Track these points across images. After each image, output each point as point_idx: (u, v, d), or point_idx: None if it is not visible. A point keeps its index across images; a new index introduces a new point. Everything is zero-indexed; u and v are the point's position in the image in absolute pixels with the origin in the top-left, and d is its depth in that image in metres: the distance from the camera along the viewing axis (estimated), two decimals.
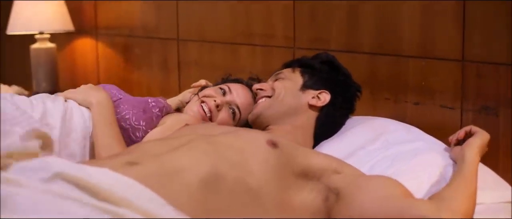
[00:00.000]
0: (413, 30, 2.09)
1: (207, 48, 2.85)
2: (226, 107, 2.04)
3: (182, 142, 1.57)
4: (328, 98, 1.93)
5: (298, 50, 2.44)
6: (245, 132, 1.66)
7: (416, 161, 1.73)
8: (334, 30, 2.32)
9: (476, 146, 1.67)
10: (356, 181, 1.56)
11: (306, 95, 1.95)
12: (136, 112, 1.93)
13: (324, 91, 1.95)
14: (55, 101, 1.89)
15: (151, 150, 1.54)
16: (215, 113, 2.03)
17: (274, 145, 1.58)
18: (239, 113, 2.03)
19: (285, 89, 1.96)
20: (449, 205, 1.44)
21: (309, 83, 1.96)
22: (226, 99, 2.05)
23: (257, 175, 1.51)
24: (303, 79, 1.98)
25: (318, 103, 1.93)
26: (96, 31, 3.51)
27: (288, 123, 1.92)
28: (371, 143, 1.88)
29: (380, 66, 2.19)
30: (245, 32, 2.66)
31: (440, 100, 2.04)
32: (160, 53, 3.12)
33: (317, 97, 1.94)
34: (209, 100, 2.04)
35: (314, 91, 1.95)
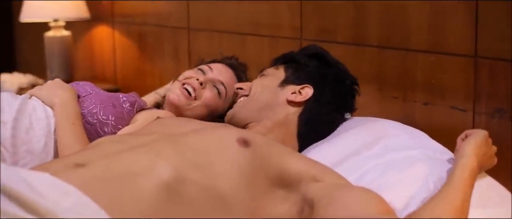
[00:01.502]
0: (422, 22, 1.89)
1: (217, 38, 2.70)
2: (210, 85, 1.97)
3: (142, 141, 1.44)
4: (310, 93, 1.76)
5: (305, 42, 2.27)
6: (215, 129, 1.50)
7: (409, 172, 1.54)
8: (341, 21, 2.13)
9: (469, 149, 1.48)
10: (332, 194, 1.38)
11: (285, 91, 1.77)
12: (104, 106, 1.84)
13: (307, 85, 1.77)
14: (15, 98, 1.83)
15: (105, 150, 1.41)
16: (199, 92, 1.96)
17: (245, 143, 1.42)
18: (224, 89, 1.97)
19: (262, 87, 1.80)
20: None
21: (292, 78, 1.79)
22: (209, 77, 1.99)
23: (224, 179, 1.36)
24: (285, 74, 1.81)
25: (297, 99, 1.75)
26: (112, 19, 3.39)
27: (266, 118, 1.75)
28: (368, 148, 1.69)
29: (388, 61, 2.00)
30: (252, 22, 2.49)
31: (450, 101, 1.83)
32: (171, 43, 2.98)
33: (298, 93, 1.76)
34: (191, 80, 1.97)
35: (295, 86, 1.78)
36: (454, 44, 1.81)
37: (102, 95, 1.90)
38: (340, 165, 1.64)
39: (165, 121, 1.67)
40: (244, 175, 1.38)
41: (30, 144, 1.73)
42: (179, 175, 1.32)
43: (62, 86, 1.86)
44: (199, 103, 1.95)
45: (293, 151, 1.53)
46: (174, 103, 1.95)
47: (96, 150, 1.43)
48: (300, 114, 1.75)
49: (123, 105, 1.86)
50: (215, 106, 1.98)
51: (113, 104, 1.84)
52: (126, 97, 1.89)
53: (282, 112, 1.75)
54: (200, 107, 1.96)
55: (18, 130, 1.74)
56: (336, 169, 1.61)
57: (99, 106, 1.82)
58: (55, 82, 1.89)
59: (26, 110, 1.78)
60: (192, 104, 1.95)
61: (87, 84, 1.98)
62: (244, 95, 1.82)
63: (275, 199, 1.41)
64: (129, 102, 1.88)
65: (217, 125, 1.61)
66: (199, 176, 1.34)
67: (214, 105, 1.97)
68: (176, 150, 1.38)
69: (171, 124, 1.62)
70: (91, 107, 1.83)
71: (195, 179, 1.33)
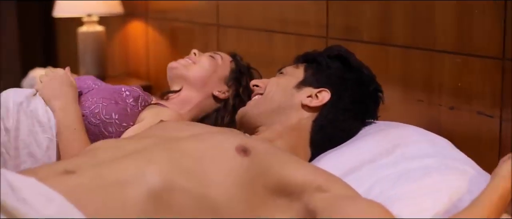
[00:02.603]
0: (449, 22, 1.79)
1: (245, 35, 2.64)
2: (204, 55, 2.05)
3: (137, 147, 1.39)
4: (327, 97, 1.66)
5: (330, 40, 2.19)
6: (214, 135, 1.44)
7: (423, 183, 1.45)
8: (366, 19, 2.04)
9: (506, 169, 1.36)
10: (335, 205, 1.32)
11: (301, 93, 1.68)
12: (107, 104, 1.79)
13: (324, 89, 1.67)
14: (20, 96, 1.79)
15: (98, 157, 1.37)
16: (195, 59, 2.02)
17: (244, 152, 1.35)
18: (219, 56, 2.03)
19: (277, 87, 1.71)
20: None
21: (310, 80, 1.70)
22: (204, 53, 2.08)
23: (218, 188, 1.30)
24: (304, 75, 1.71)
25: (313, 103, 1.65)
26: (146, 14, 3.36)
27: (278, 122, 1.66)
28: (384, 156, 1.60)
29: (413, 62, 1.90)
30: (280, 19, 2.42)
31: (477, 106, 1.72)
32: (201, 39, 2.93)
33: (314, 96, 1.67)
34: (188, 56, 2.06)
35: (313, 89, 1.68)
36: (481, 45, 1.70)
37: (104, 91, 1.85)
38: (353, 173, 1.56)
39: (166, 125, 1.61)
40: (240, 185, 1.32)
41: (32, 147, 1.70)
42: (169, 183, 1.27)
43: (63, 84, 1.80)
44: (197, 65, 2.00)
45: (298, 159, 1.45)
46: (173, 66, 2.00)
47: (88, 157, 1.39)
48: (314, 119, 1.66)
49: (126, 100, 1.82)
50: (214, 66, 2.00)
51: (115, 101, 1.80)
52: (130, 92, 1.84)
53: (295, 116, 1.66)
54: (200, 68, 1.99)
55: (21, 132, 1.71)
56: (348, 177, 1.54)
57: (101, 105, 1.78)
58: (56, 78, 1.82)
59: (29, 111, 1.75)
60: (191, 66, 2.00)
61: (89, 78, 1.95)
62: (259, 94, 1.75)
63: (276, 208, 1.34)
64: (133, 97, 1.83)
65: (220, 131, 1.55)
66: (191, 184, 1.29)
67: (213, 66, 2.00)
68: (170, 156, 1.33)
69: (172, 127, 1.57)
70: (93, 107, 1.78)
71: (186, 187, 1.28)
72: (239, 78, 1.99)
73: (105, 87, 1.90)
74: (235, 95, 1.97)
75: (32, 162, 1.70)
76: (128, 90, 1.85)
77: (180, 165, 1.31)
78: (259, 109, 1.70)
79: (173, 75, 2.00)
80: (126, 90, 1.85)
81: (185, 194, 1.27)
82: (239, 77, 2.00)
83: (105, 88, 1.87)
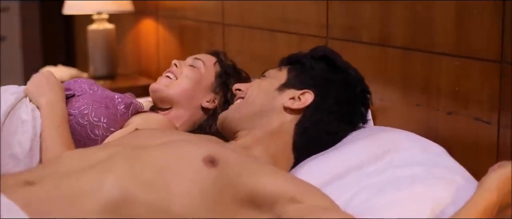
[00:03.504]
0: (447, 22, 1.70)
1: (248, 33, 2.58)
2: (185, 64, 1.97)
3: (102, 156, 1.34)
4: (310, 99, 1.60)
5: (331, 41, 2.11)
6: (184, 145, 1.38)
7: (407, 193, 1.37)
8: (366, 20, 1.97)
9: (492, 181, 1.29)
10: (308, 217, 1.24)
11: (283, 95, 1.62)
12: (97, 107, 1.77)
13: (308, 90, 1.61)
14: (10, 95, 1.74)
15: (61, 168, 1.34)
16: (176, 72, 1.96)
17: (212, 163, 1.29)
18: (199, 60, 1.96)
19: (259, 89, 1.66)
20: None
21: (293, 81, 1.64)
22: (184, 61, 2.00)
23: (181, 200, 1.25)
24: (287, 77, 1.66)
25: (294, 105, 1.59)
26: (156, 12, 3.32)
27: (257, 127, 1.60)
28: (372, 162, 1.53)
29: (412, 64, 1.82)
30: (282, 18, 2.35)
31: (474, 111, 1.64)
32: (207, 38, 2.88)
33: (297, 98, 1.61)
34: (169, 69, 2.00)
35: (296, 91, 1.62)
36: (479, 47, 1.62)
37: (97, 94, 1.83)
38: (338, 180, 1.50)
39: (140, 133, 1.56)
40: (206, 197, 1.26)
41: (14, 148, 1.67)
42: (128, 195, 1.22)
43: (51, 83, 1.79)
44: (179, 79, 1.94)
45: (272, 169, 1.38)
46: (154, 88, 1.94)
47: (52, 167, 1.35)
48: (297, 122, 1.60)
49: (117, 106, 1.79)
50: (197, 76, 1.94)
51: (106, 105, 1.77)
52: (121, 98, 1.81)
53: (277, 120, 1.60)
54: (183, 83, 1.93)
55: (6, 132, 1.68)
56: (332, 184, 1.48)
57: (91, 107, 1.75)
58: (44, 78, 1.81)
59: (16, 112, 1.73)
60: (173, 83, 1.94)
61: (86, 82, 1.92)
62: (241, 97, 1.69)
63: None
64: (124, 104, 1.80)
65: (193, 139, 1.48)
66: (151, 197, 1.23)
67: (196, 76, 1.94)
68: (132, 167, 1.28)
69: (145, 135, 1.51)
70: (83, 108, 1.76)
71: (147, 200, 1.23)
72: (226, 82, 1.94)
73: (100, 93, 1.86)
74: (224, 102, 1.92)
75: (14, 163, 1.67)
76: (120, 97, 1.83)
77: (140, 176, 1.26)
78: (240, 113, 1.64)
79: (156, 98, 1.96)
80: (118, 97, 1.83)
81: (145, 207, 1.22)
82: (225, 80, 1.94)
83: (99, 93, 1.85)
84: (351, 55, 2.02)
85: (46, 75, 1.81)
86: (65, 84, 1.88)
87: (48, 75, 1.81)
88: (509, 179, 1.28)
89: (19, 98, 1.75)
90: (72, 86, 1.86)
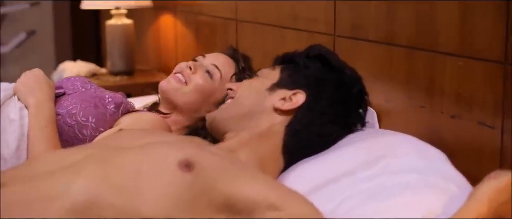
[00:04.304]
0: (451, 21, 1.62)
1: (260, 30, 2.53)
2: (201, 69, 1.85)
3: (76, 159, 1.30)
4: (301, 100, 1.53)
5: (338, 39, 2.05)
6: (161, 147, 1.32)
7: (395, 202, 1.31)
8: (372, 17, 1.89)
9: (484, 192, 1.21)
10: None
11: (273, 96, 1.56)
12: (85, 106, 1.72)
13: (299, 91, 1.54)
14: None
15: (34, 168, 1.30)
16: (189, 77, 1.85)
17: (188, 167, 1.24)
18: (218, 71, 1.85)
19: (249, 89, 1.60)
20: None
21: (285, 81, 1.58)
22: (200, 62, 1.89)
23: (153, 206, 1.20)
24: (279, 76, 1.59)
25: (285, 106, 1.53)
26: (175, 8, 3.28)
27: (245, 129, 1.54)
28: (367, 167, 1.46)
29: (417, 63, 1.75)
30: (291, 15, 2.29)
31: (478, 115, 1.56)
32: (222, 34, 2.84)
33: (288, 99, 1.54)
34: (182, 67, 1.88)
35: (287, 91, 1.56)
36: (482, 47, 1.53)
37: (86, 94, 1.78)
38: (328, 185, 1.44)
39: (122, 134, 1.51)
40: (179, 202, 1.21)
41: (1, 148, 1.64)
42: (97, 199, 1.18)
43: (39, 82, 1.75)
44: (190, 87, 1.84)
45: (253, 173, 1.32)
46: (162, 88, 1.86)
47: (25, 169, 1.32)
48: (288, 124, 1.54)
49: (107, 106, 1.74)
50: (208, 89, 1.85)
51: (95, 105, 1.72)
52: (112, 98, 1.77)
53: (266, 122, 1.54)
54: (192, 93, 1.85)
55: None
56: (321, 190, 1.42)
57: (79, 107, 1.71)
58: (33, 76, 1.77)
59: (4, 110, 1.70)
60: (183, 90, 1.84)
61: (79, 80, 1.88)
62: (231, 97, 1.64)
63: None
64: (114, 103, 1.75)
65: (172, 142, 1.42)
66: (121, 201, 1.19)
67: (208, 89, 1.85)
68: (103, 170, 1.23)
69: (126, 136, 1.46)
70: (71, 108, 1.72)
71: (116, 204, 1.18)
72: None
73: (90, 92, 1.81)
74: None
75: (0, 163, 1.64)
76: (111, 97, 1.78)
77: (111, 180, 1.21)
78: (228, 114, 1.59)
79: (163, 97, 1.89)
80: (109, 97, 1.78)
81: (114, 212, 1.18)
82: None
83: (88, 93, 1.80)
84: (357, 53, 1.96)
85: (36, 73, 1.78)
86: (58, 83, 1.85)
87: (37, 73, 1.78)
88: (503, 191, 1.19)
89: (7, 96, 1.72)
90: (64, 84, 1.83)
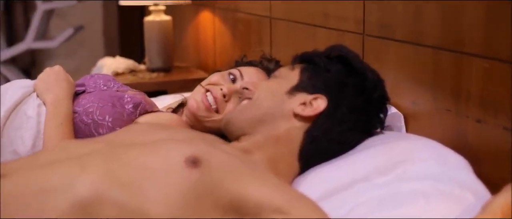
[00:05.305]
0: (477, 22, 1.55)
1: (293, 28, 2.50)
2: (236, 97, 1.73)
3: (84, 151, 1.31)
4: (322, 106, 1.48)
5: (367, 38, 1.99)
6: (167, 144, 1.30)
7: (405, 210, 1.26)
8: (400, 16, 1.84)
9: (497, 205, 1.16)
10: None
11: (293, 100, 1.50)
12: (102, 105, 1.70)
13: (320, 96, 1.49)
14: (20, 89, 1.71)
15: (39, 159, 1.31)
16: (221, 105, 1.74)
17: (194, 163, 1.23)
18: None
19: (266, 91, 1.54)
20: None
21: (305, 84, 1.52)
22: (236, 88, 1.75)
23: (157, 202, 1.20)
24: (299, 78, 1.54)
25: (305, 112, 1.47)
26: (214, 4, 3.27)
27: (261, 132, 1.49)
28: (382, 173, 1.42)
29: (443, 64, 1.69)
30: (322, 13, 2.25)
31: (503, 120, 1.49)
32: (257, 31, 2.82)
33: (308, 104, 1.49)
34: (215, 89, 1.75)
35: (307, 95, 1.50)
36: (509, 49, 1.46)
37: (105, 92, 1.77)
38: (339, 192, 1.41)
39: (133, 128, 1.50)
40: (184, 200, 1.19)
41: (16, 144, 1.65)
42: (99, 194, 1.17)
43: (59, 79, 1.75)
44: (220, 117, 1.73)
45: (263, 176, 1.29)
46: (191, 111, 1.76)
47: (30, 159, 1.32)
48: (307, 130, 1.48)
49: (125, 105, 1.72)
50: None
51: (113, 104, 1.71)
52: (131, 97, 1.74)
53: (283, 126, 1.49)
54: (218, 123, 1.72)
55: (8, 128, 1.66)
56: (332, 197, 1.38)
57: (96, 105, 1.70)
58: (53, 73, 1.77)
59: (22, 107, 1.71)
60: (212, 117, 1.75)
61: (102, 78, 1.87)
62: (248, 98, 1.59)
63: None
64: (133, 103, 1.73)
65: (181, 138, 1.39)
66: (125, 198, 1.18)
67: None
68: (108, 165, 1.22)
69: (137, 131, 1.45)
70: (88, 106, 1.71)
71: (119, 201, 1.18)
72: None
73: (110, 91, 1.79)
74: None
75: None
76: (130, 96, 1.75)
77: (115, 176, 1.21)
78: (244, 116, 1.54)
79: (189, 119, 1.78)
80: (128, 96, 1.75)
81: (117, 208, 1.17)
82: None
83: (107, 92, 1.79)
84: (385, 53, 1.91)
85: (56, 70, 1.78)
86: (80, 80, 1.85)
87: (57, 70, 1.78)
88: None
89: (26, 93, 1.73)
90: (87, 81, 1.83)
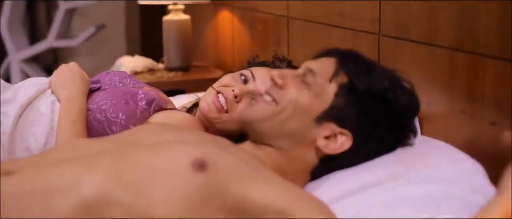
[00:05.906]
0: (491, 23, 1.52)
1: (309, 27, 2.48)
2: (247, 98, 1.70)
3: (91, 150, 1.30)
4: (346, 146, 1.37)
5: (383, 38, 1.97)
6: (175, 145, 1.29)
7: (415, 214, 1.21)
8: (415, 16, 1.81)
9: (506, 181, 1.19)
10: None
11: (319, 129, 1.37)
12: (116, 102, 1.69)
13: (347, 133, 1.37)
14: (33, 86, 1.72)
15: (48, 156, 1.31)
16: (232, 106, 1.71)
17: (201, 167, 1.21)
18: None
19: (295, 107, 1.38)
20: None
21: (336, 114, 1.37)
22: (248, 89, 1.71)
23: (163, 205, 1.19)
24: (332, 102, 1.38)
25: (328, 149, 1.38)
26: (232, 4, 3.25)
27: (275, 145, 1.40)
28: (395, 178, 1.39)
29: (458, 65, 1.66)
30: (338, 12, 2.23)
31: None
32: (274, 31, 2.79)
33: (332, 137, 1.38)
34: (227, 90, 1.72)
35: (335, 126, 1.37)
36: None
37: (118, 89, 1.75)
38: (349, 196, 1.37)
39: (144, 128, 1.48)
40: (189, 203, 1.18)
41: (29, 141, 1.64)
42: (105, 195, 1.17)
43: (73, 75, 1.74)
44: (230, 116, 1.70)
45: (267, 177, 1.26)
46: (203, 113, 1.73)
47: (38, 157, 1.31)
48: (325, 159, 1.40)
49: (138, 103, 1.70)
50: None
51: (126, 101, 1.69)
52: (145, 94, 1.71)
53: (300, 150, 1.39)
54: (232, 122, 1.70)
55: (21, 125, 1.66)
56: (342, 200, 1.35)
57: (109, 103, 1.68)
58: (68, 69, 1.76)
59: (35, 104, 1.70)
60: (222, 118, 1.71)
61: (118, 75, 1.86)
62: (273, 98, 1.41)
63: None
64: (146, 100, 1.70)
65: (190, 140, 1.36)
66: (130, 199, 1.18)
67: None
68: (115, 166, 1.22)
69: (147, 132, 1.43)
70: (101, 103, 1.69)
71: (125, 202, 1.17)
72: None
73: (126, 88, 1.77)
74: None
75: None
76: (144, 93, 1.72)
77: (122, 177, 1.20)
78: (263, 125, 1.40)
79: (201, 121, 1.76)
80: (142, 93, 1.72)
81: (122, 209, 1.17)
82: None
83: (121, 89, 1.77)
84: (400, 53, 1.88)
85: (71, 67, 1.77)
86: (96, 77, 1.84)
87: (72, 67, 1.77)
88: None
89: (41, 90, 1.73)
90: (102, 78, 1.82)
